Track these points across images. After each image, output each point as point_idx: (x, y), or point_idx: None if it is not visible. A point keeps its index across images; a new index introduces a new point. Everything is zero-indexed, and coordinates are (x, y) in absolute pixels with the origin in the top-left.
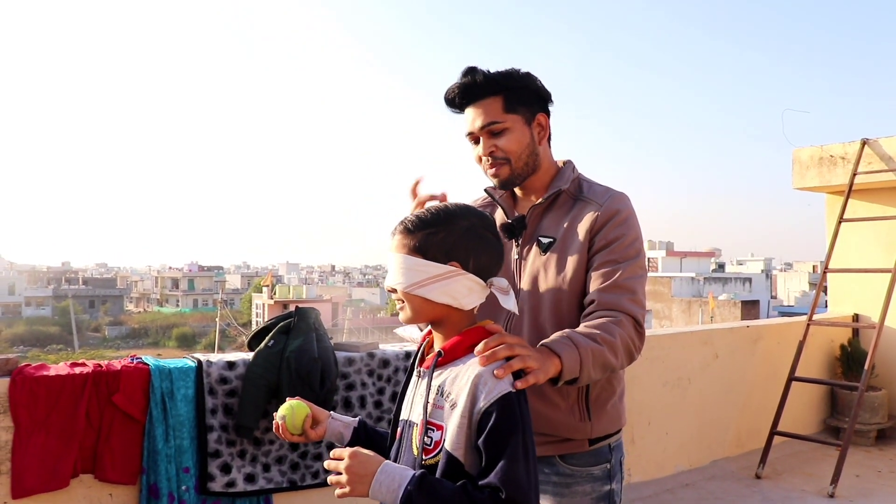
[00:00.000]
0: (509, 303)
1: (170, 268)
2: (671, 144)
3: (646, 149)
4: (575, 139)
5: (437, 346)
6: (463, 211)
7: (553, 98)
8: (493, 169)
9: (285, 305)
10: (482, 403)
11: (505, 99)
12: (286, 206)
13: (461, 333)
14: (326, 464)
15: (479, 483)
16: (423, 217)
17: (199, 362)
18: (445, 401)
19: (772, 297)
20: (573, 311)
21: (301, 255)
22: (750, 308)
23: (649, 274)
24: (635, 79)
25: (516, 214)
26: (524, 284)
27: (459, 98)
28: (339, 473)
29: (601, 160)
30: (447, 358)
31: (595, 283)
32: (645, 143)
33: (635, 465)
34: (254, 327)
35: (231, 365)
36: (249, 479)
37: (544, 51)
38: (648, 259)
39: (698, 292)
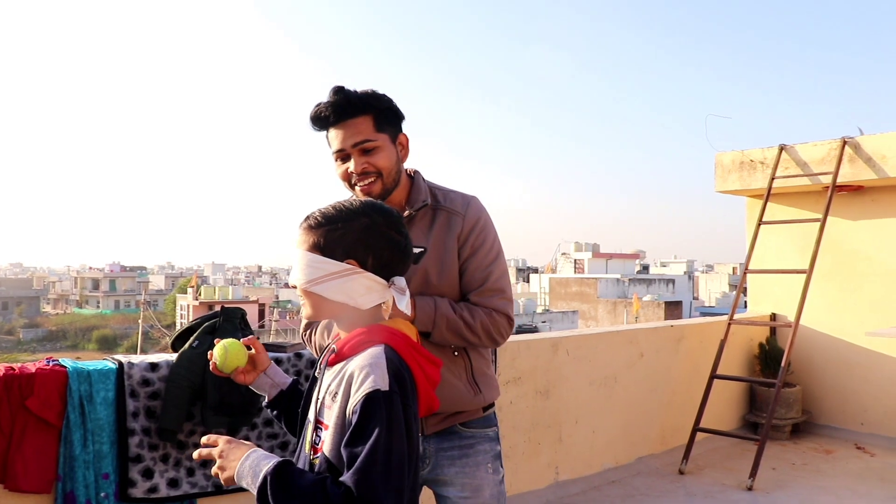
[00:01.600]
0: (402, 303)
1: (90, 268)
2: (598, 147)
3: (572, 151)
4: (498, 137)
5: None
6: (366, 208)
7: (405, 117)
8: (366, 185)
9: (211, 306)
10: (350, 403)
11: (374, 118)
12: (212, 205)
13: (357, 331)
14: (197, 452)
15: (340, 480)
16: (325, 213)
17: (121, 364)
18: (332, 399)
19: (694, 298)
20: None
21: (227, 255)
22: (673, 309)
23: (577, 275)
24: (561, 79)
25: None
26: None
27: (333, 116)
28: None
29: (527, 160)
30: (340, 356)
31: (470, 287)
32: (571, 145)
33: (563, 464)
34: (178, 329)
35: (154, 366)
36: (172, 483)
37: (467, 43)
38: (575, 260)
39: (623, 293)
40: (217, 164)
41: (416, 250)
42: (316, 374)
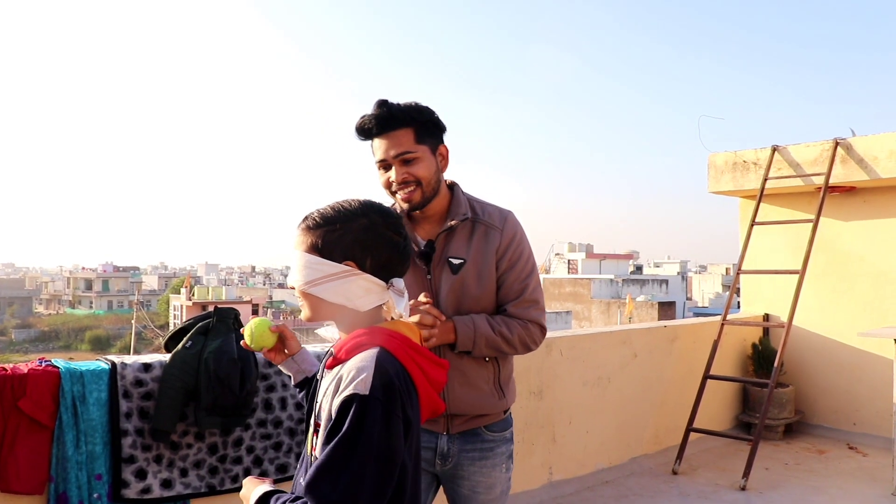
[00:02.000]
0: (400, 306)
1: (83, 268)
2: (592, 147)
3: (567, 151)
4: (492, 137)
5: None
6: (365, 208)
7: (447, 129)
8: (406, 194)
9: (204, 307)
10: (335, 404)
11: (415, 131)
12: (206, 205)
13: (354, 333)
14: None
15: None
16: (324, 214)
17: (113, 364)
18: (327, 402)
19: (687, 299)
20: (493, 313)
21: (220, 255)
22: (666, 309)
23: (570, 276)
24: (555, 80)
25: (420, 239)
26: (442, 301)
27: (376, 129)
28: None
29: (521, 160)
30: (336, 359)
31: (507, 299)
32: (565, 146)
33: (557, 464)
34: (171, 329)
35: (147, 367)
36: (166, 484)
37: (462, 43)
38: (569, 261)
39: (617, 294)
40: (210, 164)
41: (456, 261)
42: (318, 377)
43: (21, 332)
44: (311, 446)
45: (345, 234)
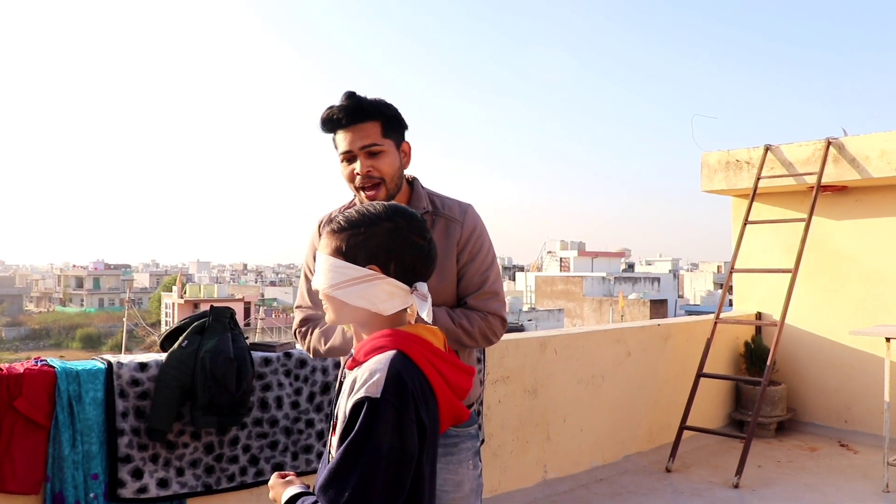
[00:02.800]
0: (423, 310)
1: (74, 266)
2: (584, 146)
3: (559, 150)
4: (484, 136)
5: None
6: (390, 212)
7: (409, 127)
8: (371, 191)
9: (196, 305)
10: (348, 405)
11: (382, 125)
12: (197, 203)
13: (374, 335)
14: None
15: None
16: (349, 218)
17: (109, 364)
18: (345, 403)
19: (679, 297)
20: (454, 307)
21: (212, 253)
22: (658, 307)
23: (562, 274)
24: (548, 79)
25: None
26: None
27: (345, 119)
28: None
29: (513, 158)
30: (355, 361)
31: (468, 291)
32: (558, 144)
33: (551, 462)
34: (163, 327)
35: (143, 366)
36: (162, 484)
37: (454, 43)
38: (561, 259)
39: (609, 292)
40: (202, 162)
41: None
42: (341, 378)
43: (11, 330)
44: (331, 445)
45: (369, 238)
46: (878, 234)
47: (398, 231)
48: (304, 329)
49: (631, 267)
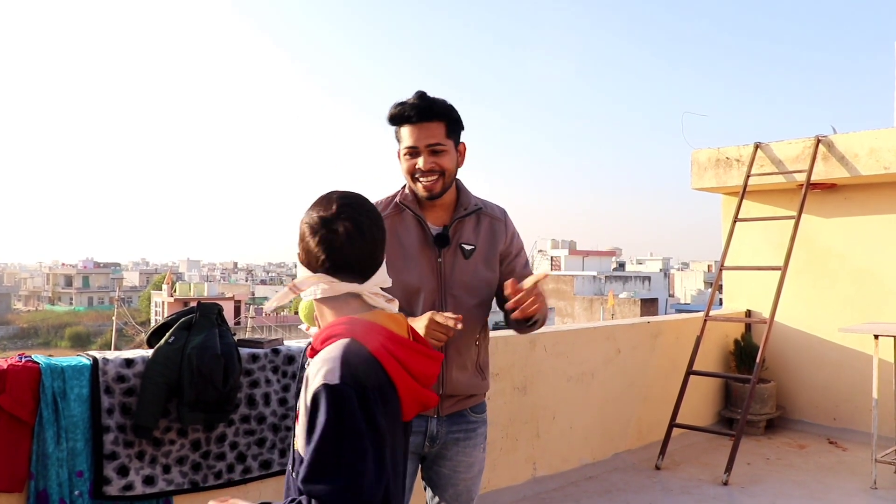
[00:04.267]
0: (381, 300)
1: (63, 264)
2: (574, 144)
3: (549, 148)
4: (474, 134)
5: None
6: (338, 211)
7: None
8: (429, 183)
9: (186, 303)
10: (308, 398)
11: (447, 125)
12: (187, 201)
13: (329, 324)
14: None
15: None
16: (307, 222)
17: (95, 360)
18: (305, 393)
19: (670, 296)
20: (491, 300)
21: (202, 251)
22: (649, 306)
23: (553, 272)
24: (536, 77)
25: (431, 226)
26: (454, 283)
27: (415, 117)
28: None
29: (502, 157)
30: (313, 350)
31: (518, 273)
32: (548, 143)
33: (541, 459)
34: (152, 326)
35: (129, 362)
36: (148, 481)
37: (445, 42)
38: (552, 258)
39: (599, 290)
40: (192, 160)
41: (468, 247)
42: (305, 366)
43: None
44: (294, 434)
45: (319, 240)
46: (866, 232)
47: (346, 231)
48: None
49: (622, 266)
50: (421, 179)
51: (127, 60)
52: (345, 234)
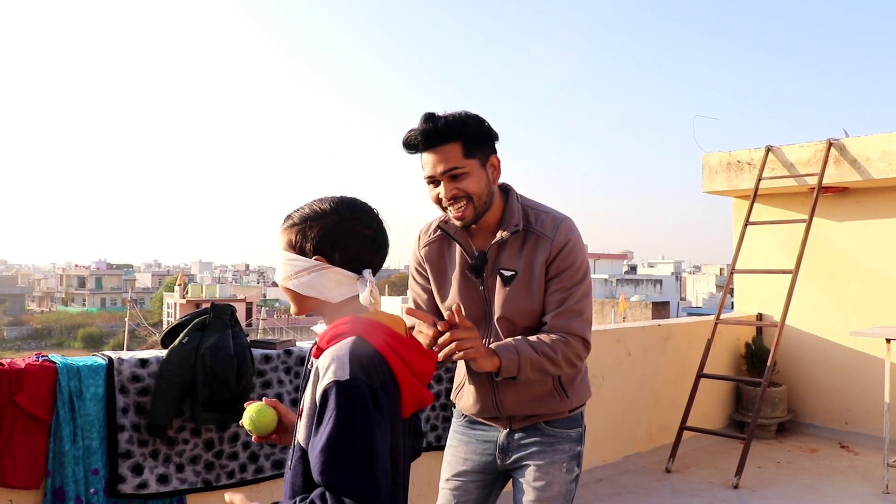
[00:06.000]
0: (363, 295)
1: (76, 265)
2: (586, 148)
3: (560, 151)
4: None
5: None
6: (336, 205)
7: (499, 137)
8: (458, 212)
9: (198, 305)
10: (317, 394)
11: (464, 145)
12: (199, 203)
13: (334, 323)
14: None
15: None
16: (300, 213)
17: (110, 360)
18: (311, 390)
19: (681, 299)
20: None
21: (214, 253)
22: (660, 309)
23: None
24: (550, 79)
25: (475, 251)
26: (496, 312)
27: (423, 144)
28: None
29: (514, 160)
30: (319, 349)
31: (549, 308)
32: (559, 146)
33: None
34: (165, 327)
35: (144, 362)
36: (162, 479)
37: (457, 45)
38: None
39: (611, 293)
40: (204, 162)
41: (508, 273)
42: (308, 367)
43: (13, 329)
44: (296, 430)
45: (315, 231)
46: (878, 236)
47: (342, 222)
48: None
49: (633, 269)
50: (449, 209)
51: (141, 64)
52: (372, 236)
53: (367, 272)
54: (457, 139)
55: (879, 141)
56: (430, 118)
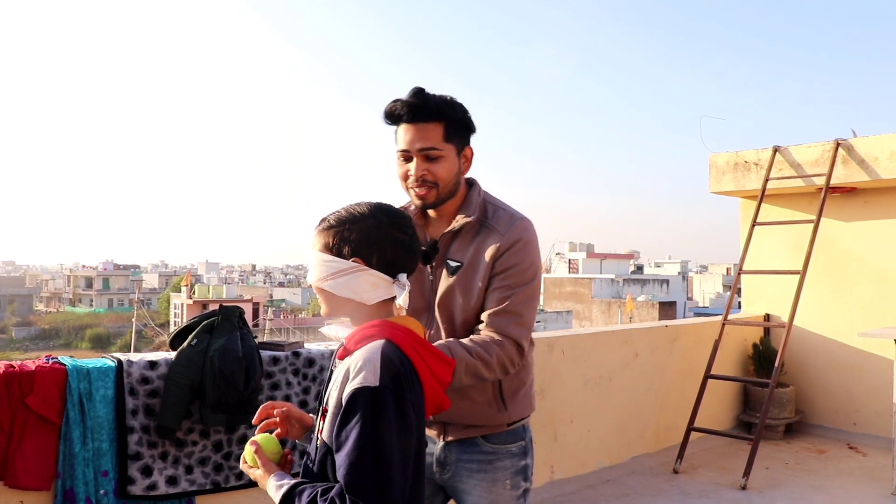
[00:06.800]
0: (400, 298)
1: (83, 266)
2: (593, 147)
3: (567, 151)
4: (492, 137)
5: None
6: (373, 210)
7: (477, 130)
8: (422, 191)
9: (205, 305)
10: (344, 395)
11: (445, 128)
12: (206, 203)
13: (363, 326)
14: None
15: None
16: (337, 216)
17: (120, 362)
18: (336, 390)
19: (688, 299)
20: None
21: (221, 253)
22: (667, 309)
23: (571, 275)
24: (555, 79)
25: (428, 238)
26: (437, 303)
27: (407, 115)
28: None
29: (521, 160)
30: (346, 350)
31: (489, 305)
32: (566, 146)
33: (558, 463)
34: (172, 328)
35: (153, 364)
36: (171, 481)
37: (460, 43)
38: (570, 260)
39: (618, 293)
40: (211, 163)
41: (454, 264)
42: (331, 367)
43: (21, 329)
44: (318, 429)
45: (353, 234)
46: (886, 236)
47: (380, 227)
48: None
49: (640, 269)
50: (413, 188)
51: (148, 65)
52: (408, 242)
53: (402, 276)
54: (440, 120)
55: (887, 141)
56: (419, 92)
